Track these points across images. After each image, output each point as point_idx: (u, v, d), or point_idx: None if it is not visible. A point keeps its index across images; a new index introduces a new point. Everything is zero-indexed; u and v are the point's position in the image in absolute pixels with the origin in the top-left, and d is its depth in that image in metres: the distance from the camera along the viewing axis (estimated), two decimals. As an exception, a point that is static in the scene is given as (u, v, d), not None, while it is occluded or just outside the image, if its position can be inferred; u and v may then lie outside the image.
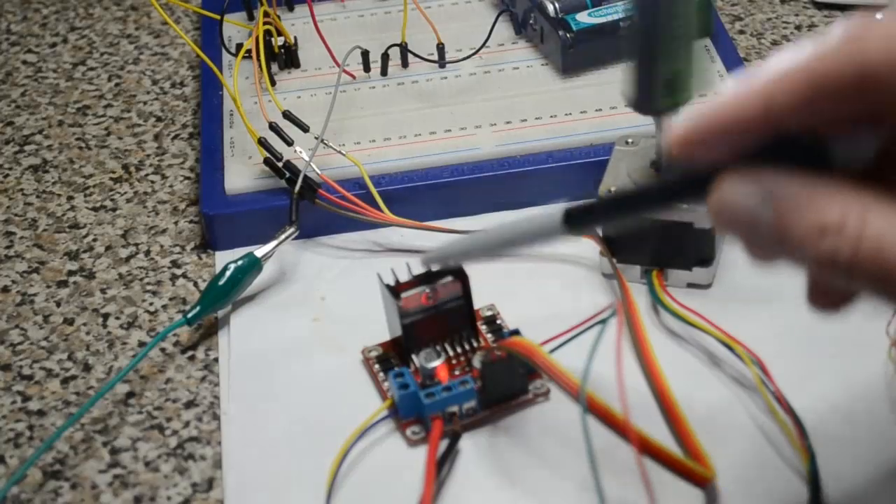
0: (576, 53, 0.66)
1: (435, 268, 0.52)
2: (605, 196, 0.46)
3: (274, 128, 0.62)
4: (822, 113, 0.36)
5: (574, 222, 0.44)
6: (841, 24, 0.36)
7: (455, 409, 0.50)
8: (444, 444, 0.49)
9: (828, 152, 0.36)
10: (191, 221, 0.64)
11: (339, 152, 0.61)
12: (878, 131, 0.37)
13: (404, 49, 0.68)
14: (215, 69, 0.64)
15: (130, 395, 0.55)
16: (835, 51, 0.36)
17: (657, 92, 0.52)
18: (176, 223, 0.64)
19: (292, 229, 0.59)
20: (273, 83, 0.67)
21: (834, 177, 0.36)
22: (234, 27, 0.71)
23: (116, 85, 0.74)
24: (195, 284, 0.60)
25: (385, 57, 0.67)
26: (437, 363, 0.51)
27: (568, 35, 0.66)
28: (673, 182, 0.39)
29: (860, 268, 0.35)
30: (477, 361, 0.51)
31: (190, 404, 0.54)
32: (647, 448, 0.44)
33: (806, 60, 0.36)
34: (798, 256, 0.37)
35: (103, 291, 0.60)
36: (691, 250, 0.56)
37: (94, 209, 0.65)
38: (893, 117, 0.36)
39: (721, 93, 0.37)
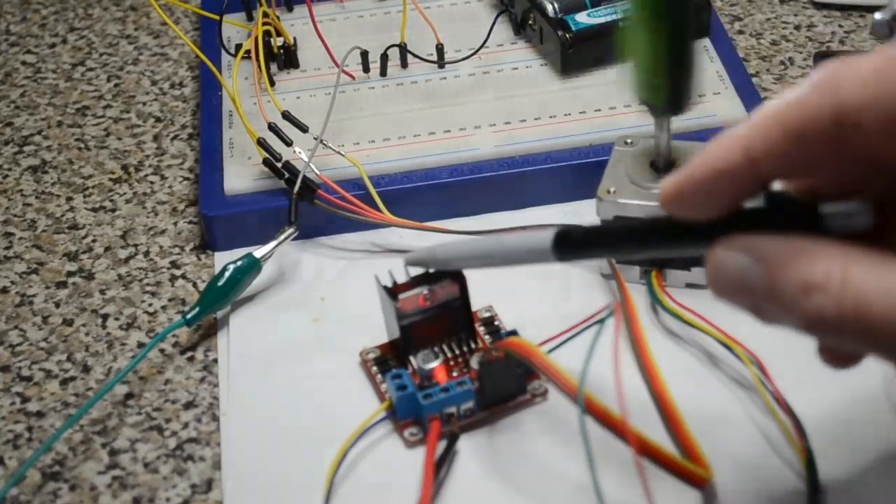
0: (575, 54, 0.66)
1: (413, 270, 0.51)
2: (597, 227, 0.45)
3: (273, 128, 0.62)
4: (804, 160, 0.36)
5: (564, 250, 0.44)
6: (816, 70, 0.36)
7: (453, 410, 0.50)
8: (442, 446, 0.49)
9: (821, 218, 0.37)
10: (190, 222, 0.64)
11: (339, 153, 0.61)
12: (870, 188, 0.37)
13: (403, 49, 0.68)
14: (214, 70, 0.64)
15: (129, 396, 0.55)
16: (809, 96, 0.36)
17: (691, 87, 0.52)
18: (175, 224, 0.64)
19: (291, 230, 0.59)
20: (272, 84, 0.67)
21: (825, 237, 0.36)
22: (234, 28, 0.71)
23: (116, 85, 0.74)
24: (194, 285, 0.60)
25: (384, 57, 0.67)
26: (434, 364, 0.51)
27: (567, 35, 0.66)
28: (670, 230, 0.39)
29: (846, 325, 0.35)
30: (475, 362, 0.51)
31: (189, 405, 0.54)
32: (644, 449, 0.44)
33: (782, 108, 0.36)
34: (791, 318, 0.37)
35: (102, 292, 0.60)
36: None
37: (94, 210, 0.65)
38: (878, 160, 0.36)
39: (704, 148, 0.37)
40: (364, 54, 0.67)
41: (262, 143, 0.61)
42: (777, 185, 0.39)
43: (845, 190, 0.37)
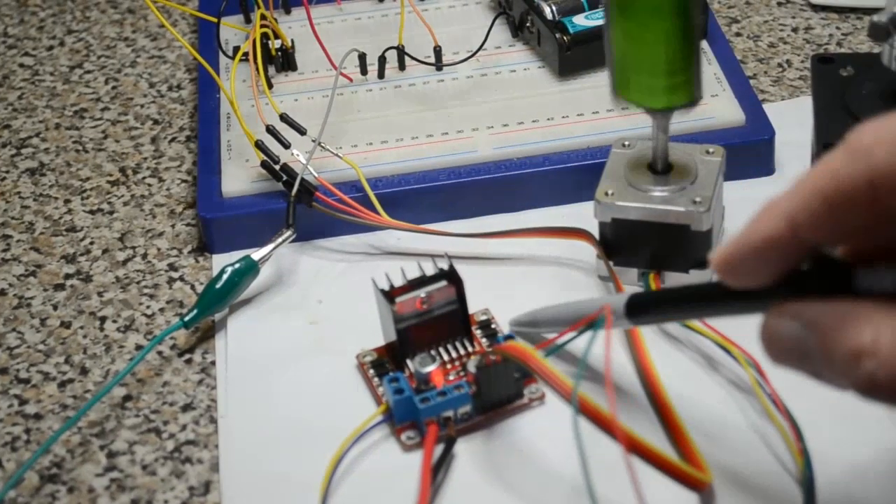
0: (573, 56, 0.66)
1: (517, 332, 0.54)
2: (665, 293, 0.48)
3: (271, 131, 0.62)
4: (845, 225, 0.36)
5: (637, 315, 0.46)
6: (850, 135, 0.36)
7: (450, 413, 0.50)
8: (439, 449, 0.49)
9: (852, 280, 0.37)
10: (188, 224, 0.64)
11: (337, 155, 0.61)
12: None
13: (401, 52, 0.68)
14: (212, 72, 0.64)
15: (127, 398, 0.55)
16: (844, 165, 0.36)
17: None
18: (173, 226, 0.64)
19: (289, 232, 0.59)
20: (270, 86, 0.67)
21: (872, 300, 0.36)
22: (231, 30, 0.71)
23: (113, 88, 0.74)
24: (192, 288, 0.60)
25: (382, 60, 0.67)
26: (431, 368, 0.51)
27: (565, 38, 0.66)
28: (732, 295, 0.40)
29: None
30: (472, 366, 0.51)
31: (187, 407, 0.54)
32: (642, 451, 0.44)
33: (818, 178, 0.36)
34: (847, 383, 0.37)
35: (100, 295, 0.60)
36: (688, 253, 0.56)
37: (91, 212, 0.65)
38: None
39: (752, 218, 0.38)
40: (362, 57, 0.67)
41: (259, 145, 0.61)
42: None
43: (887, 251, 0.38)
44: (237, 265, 0.57)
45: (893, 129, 0.36)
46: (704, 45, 0.68)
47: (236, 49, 0.70)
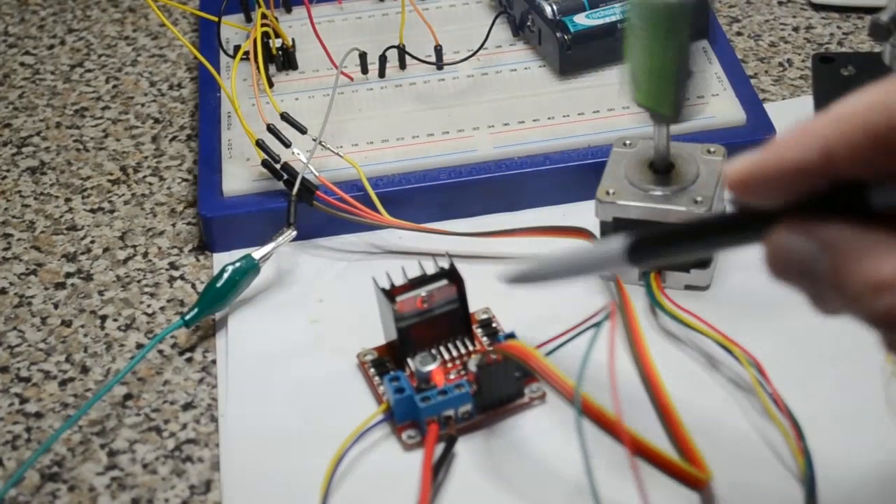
0: (573, 55, 0.66)
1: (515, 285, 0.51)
2: (666, 228, 0.45)
3: (272, 130, 0.62)
4: (883, 163, 0.35)
5: (637, 255, 0.43)
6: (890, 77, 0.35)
7: (451, 412, 0.50)
8: (439, 449, 0.49)
9: (866, 195, 0.36)
10: (188, 223, 0.64)
11: (337, 154, 0.61)
12: None
13: (402, 51, 0.68)
14: (213, 71, 0.64)
15: (128, 397, 0.55)
16: (893, 101, 0.34)
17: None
18: (174, 225, 0.64)
19: (290, 231, 0.59)
20: (271, 85, 0.67)
21: (887, 228, 0.35)
22: (232, 29, 0.71)
23: (114, 87, 0.74)
24: (193, 286, 0.60)
25: (383, 59, 0.67)
26: (432, 367, 0.51)
27: (565, 37, 0.66)
28: (734, 218, 0.38)
29: None
30: (472, 365, 0.51)
31: (188, 406, 0.54)
32: (643, 451, 0.44)
33: (864, 111, 0.35)
34: (856, 311, 0.36)
35: (101, 293, 0.60)
36: (689, 252, 0.55)
37: (92, 211, 0.65)
38: None
39: (781, 138, 0.36)
40: (363, 56, 0.67)
41: (260, 144, 0.61)
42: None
43: None
44: (238, 264, 0.57)
45: None
46: (705, 44, 0.68)
47: (237, 48, 0.70)
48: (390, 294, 0.52)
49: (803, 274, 0.36)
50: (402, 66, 0.68)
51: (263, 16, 0.68)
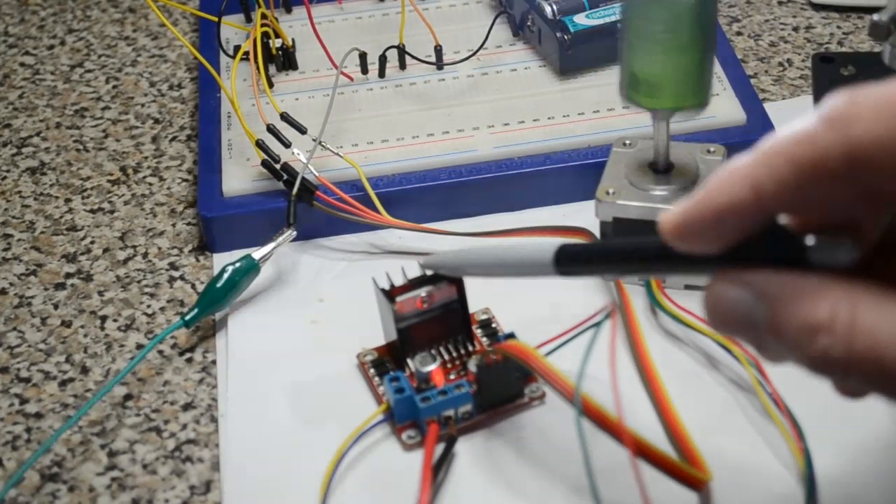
0: (573, 55, 0.66)
1: (429, 272, 0.52)
2: (599, 245, 0.45)
3: (272, 130, 0.62)
4: (813, 196, 0.35)
5: (565, 265, 0.43)
6: (826, 102, 0.35)
7: (451, 413, 0.50)
8: (439, 449, 0.49)
9: (805, 252, 0.36)
10: (188, 223, 0.64)
11: (337, 154, 0.61)
12: (875, 219, 0.36)
13: (402, 51, 0.68)
14: (213, 71, 0.64)
15: (128, 397, 0.55)
16: (820, 131, 0.34)
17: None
18: (174, 225, 0.64)
19: (290, 231, 0.59)
20: (271, 85, 0.67)
21: (826, 274, 0.35)
22: (232, 29, 0.71)
23: (114, 87, 0.74)
24: (193, 287, 0.60)
25: (383, 59, 0.67)
26: (432, 367, 0.51)
27: (565, 37, 0.66)
28: (672, 256, 0.38)
29: (856, 366, 0.34)
30: (472, 365, 0.51)
31: (188, 406, 0.54)
32: (642, 451, 0.44)
33: (791, 143, 0.35)
34: (797, 358, 0.36)
35: (101, 294, 0.60)
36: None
37: (92, 211, 0.65)
38: (888, 195, 0.35)
39: (711, 181, 0.36)
40: (363, 56, 0.67)
41: (260, 144, 0.61)
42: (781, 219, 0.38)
43: (849, 223, 0.36)
44: (238, 264, 0.57)
45: (874, 100, 0.34)
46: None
47: (237, 48, 0.70)
48: (390, 294, 0.52)
49: (743, 324, 0.36)
50: (402, 66, 0.68)
51: (263, 16, 0.68)
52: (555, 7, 0.67)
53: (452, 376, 0.52)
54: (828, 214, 0.36)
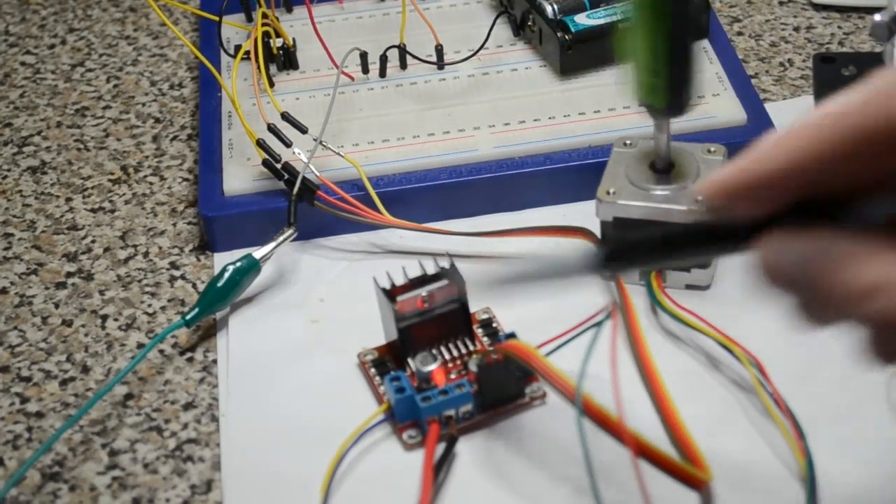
0: (574, 55, 0.66)
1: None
2: (638, 237, 0.44)
3: (272, 129, 0.62)
4: (855, 167, 0.35)
5: (611, 262, 0.43)
6: (871, 77, 0.35)
7: (451, 412, 0.50)
8: (440, 449, 0.49)
9: (854, 213, 0.36)
10: (189, 223, 0.64)
11: (338, 154, 0.61)
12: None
13: (403, 51, 0.68)
14: (214, 71, 0.64)
15: (129, 396, 0.55)
16: (863, 105, 0.35)
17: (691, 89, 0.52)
18: (174, 225, 0.64)
19: (291, 231, 0.59)
20: (271, 85, 0.67)
21: (872, 234, 0.35)
22: (233, 29, 0.71)
23: (115, 86, 0.74)
24: (194, 286, 0.60)
25: (383, 58, 0.67)
26: (433, 367, 0.51)
27: (566, 37, 0.66)
28: (716, 227, 0.38)
29: None
30: (473, 365, 0.51)
31: (188, 406, 0.54)
32: (643, 451, 0.44)
33: (834, 115, 0.35)
34: (849, 316, 0.36)
35: (102, 293, 0.60)
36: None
37: (93, 211, 0.65)
38: None
39: (755, 148, 0.37)
40: (363, 55, 0.67)
41: (261, 143, 0.61)
42: None
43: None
44: (238, 264, 0.57)
45: None
46: (706, 43, 0.68)
47: (238, 47, 0.70)
48: (391, 294, 0.52)
49: (794, 281, 0.37)
50: (403, 65, 0.68)
51: (264, 15, 0.68)
52: (555, 7, 0.67)
53: (453, 376, 0.52)
54: (872, 179, 0.36)
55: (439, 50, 0.68)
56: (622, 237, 0.42)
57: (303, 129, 0.62)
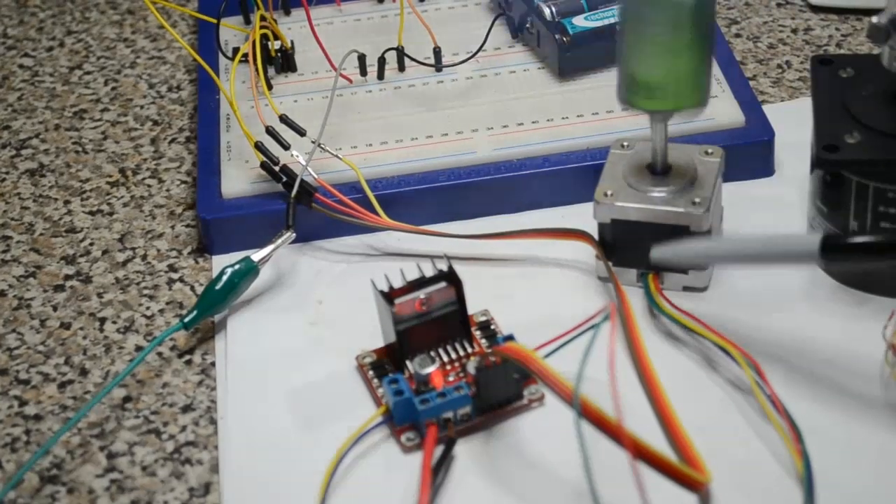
0: (572, 57, 0.66)
1: (663, 264, 0.51)
2: (869, 239, 0.45)
3: (271, 132, 0.62)
4: None
5: (832, 254, 0.43)
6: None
7: (450, 415, 0.50)
8: (438, 451, 0.49)
9: None
10: (188, 225, 0.64)
11: (336, 156, 0.61)
12: None
13: (401, 53, 0.68)
14: (212, 73, 0.64)
15: (127, 399, 0.55)
16: None
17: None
18: (173, 227, 0.64)
19: (289, 233, 0.59)
20: (270, 87, 0.67)
21: None
22: (231, 31, 0.71)
23: (113, 89, 0.74)
24: (192, 289, 0.60)
25: (382, 61, 0.68)
26: (431, 369, 0.51)
27: (564, 39, 0.66)
28: None
29: None
30: (471, 367, 0.51)
31: (187, 408, 0.54)
32: (641, 452, 0.44)
33: None
34: None
35: (100, 296, 0.60)
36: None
37: (91, 213, 0.65)
38: None
39: None
40: (361, 58, 0.67)
41: (259, 146, 0.61)
42: None
43: None
44: (237, 266, 0.57)
45: None
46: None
47: (236, 50, 0.70)
48: (389, 296, 0.52)
49: None
50: (401, 68, 0.68)
51: (262, 18, 0.68)
52: (554, 9, 0.67)
53: (451, 378, 0.52)
54: None
55: (437, 52, 0.68)
56: (846, 237, 0.42)
57: (301, 132, 0.62)
